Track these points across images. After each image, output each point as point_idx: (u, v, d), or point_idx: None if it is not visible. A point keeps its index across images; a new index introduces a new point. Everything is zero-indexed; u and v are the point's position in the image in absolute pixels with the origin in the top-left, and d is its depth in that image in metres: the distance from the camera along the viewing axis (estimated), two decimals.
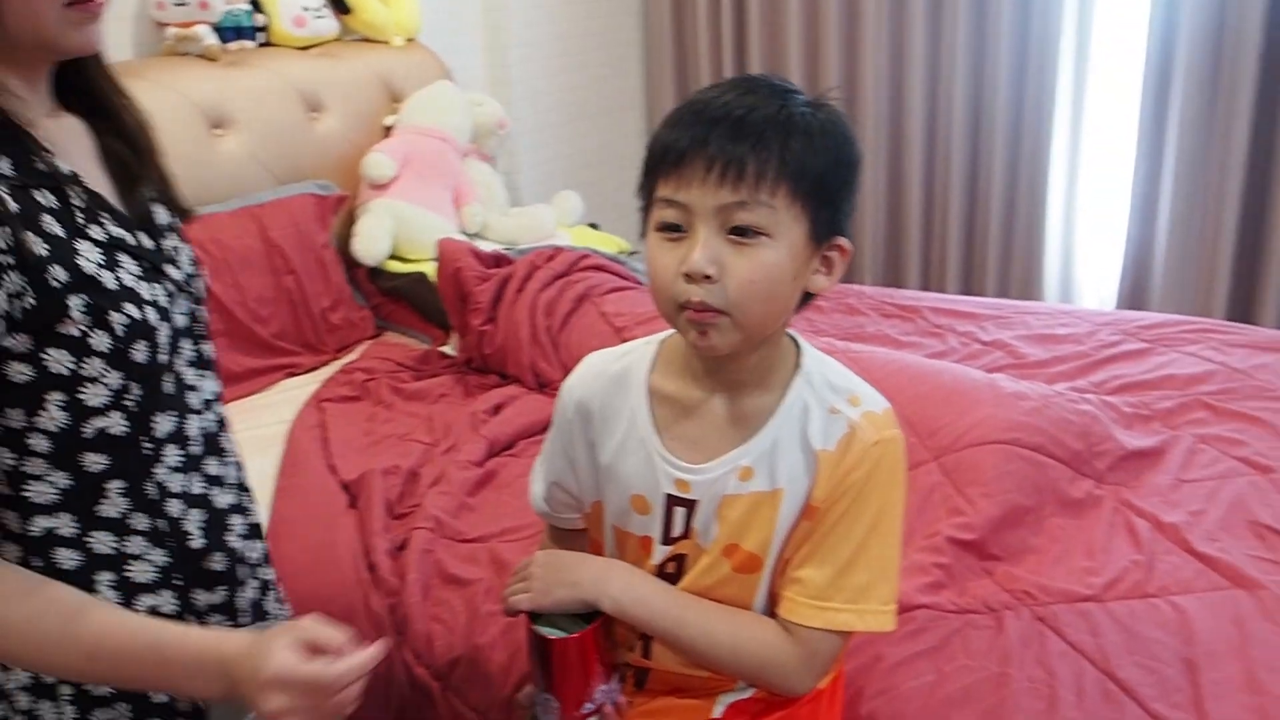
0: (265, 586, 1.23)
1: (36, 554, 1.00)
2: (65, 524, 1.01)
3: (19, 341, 0.93)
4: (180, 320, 1.07)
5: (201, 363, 1.12)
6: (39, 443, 0.97)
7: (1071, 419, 2.00)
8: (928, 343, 2.66)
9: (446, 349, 2.75)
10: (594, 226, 3.64)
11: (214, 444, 1.13)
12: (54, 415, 0.96)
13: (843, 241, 1.07)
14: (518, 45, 3.75)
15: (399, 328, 2.93)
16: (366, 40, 3.24)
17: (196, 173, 2.60)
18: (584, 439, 1.20)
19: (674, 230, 1.03)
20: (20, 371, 0.94)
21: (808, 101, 1.05)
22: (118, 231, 1.01)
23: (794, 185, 1.00)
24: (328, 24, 3.08)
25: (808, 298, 1.09)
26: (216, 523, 1.12)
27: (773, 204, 0.99)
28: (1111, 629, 1.55)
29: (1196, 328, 2.59)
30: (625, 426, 1.16)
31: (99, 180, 1.05)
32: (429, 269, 2.85)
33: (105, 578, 1.03)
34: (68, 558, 1.01)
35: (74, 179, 0.99)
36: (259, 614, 1.21)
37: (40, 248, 0.92)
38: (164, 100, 2.56)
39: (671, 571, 1.17)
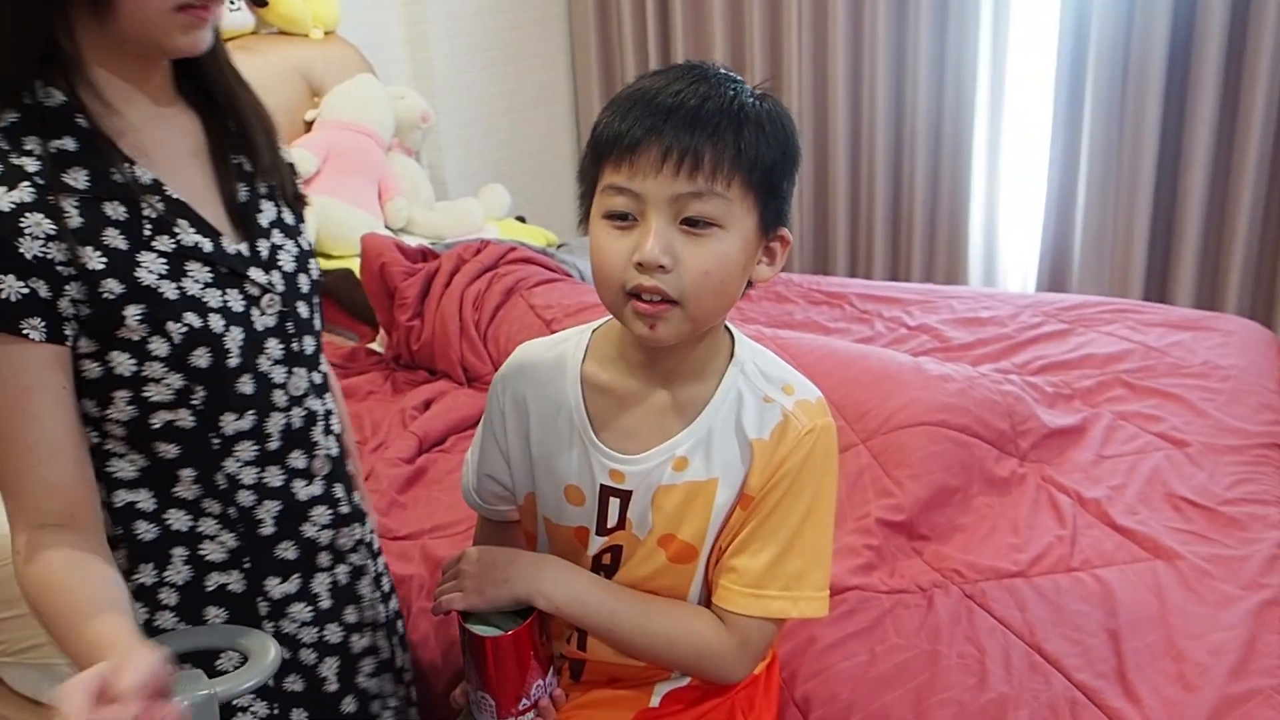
0: (358, 572, 1.25)
1: (119, 523, 1.08)
2: (144, 499, 1.08)
3: (86, 343, 0.99)
4: (267, 321, 1.10)
5: (292, 359, 1.14)
6: (114, 429, 1.04)
7: (996, 399, 2.03)
8: (855, 328, 2.69)
9: (374, 346, 2.73)
10: (521, 220, 3.63)
11: (300, 438, 1.16)
12: (122, 408, 1.03)
13: (785, 232, 1.08)
14: (440, 37, 3.72)
15: (325, 325, 2.88)
16: (284, 33, 3.20)
17: None
18: (517, 430, 1.19)
19: (622, 219, 1.02)
20: (90, 369, 1.00)
21: (754, 92, 1.05)
22: (192, 239, 1.04)
23: (747, 176, 1.00)
24: (243, 17, 3.04)
25: (747, 286, 1.09)
26: (294, 513, 1.16)
27: (727, 195, 0.99)
28: (1037, 603, 1.58)
29: (1114, 308, 2.65)
30: (559, 417, 1.15)
31: (195, 180, 1.07)
32: (354, 265, 2.82)
33: (179, 552, 1.10)
34: (146, 530, 1.09)
35: (154, 188, 1.02)
36: (349, 598, 1.24)
37: (96, 262, 0.97)
38: None
39: (607, 563, 1.17)
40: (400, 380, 2.54)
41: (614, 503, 1.14)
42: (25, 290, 0.93)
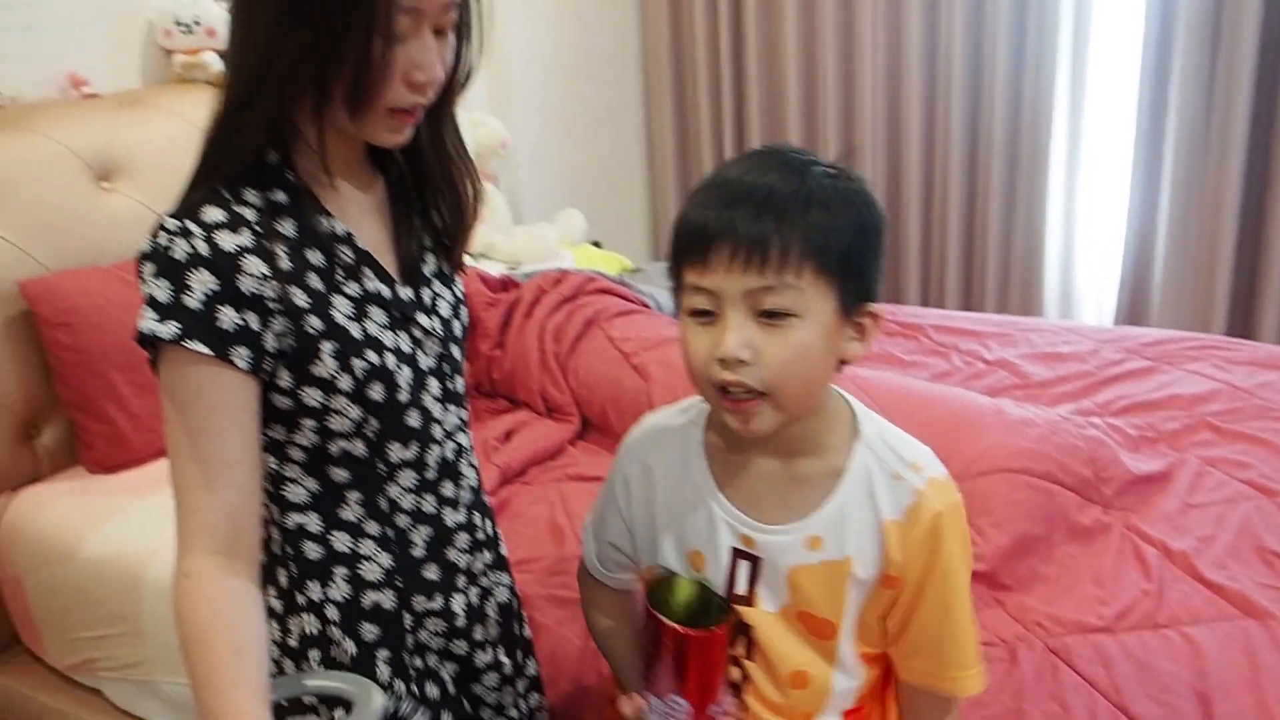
0: (486, 594, 1.35)
1: (289, 543, 1.19)
2: (312, 521, 1.19)
3: (286, 378, 1.10)
4: (429, 361, 1.22)
5: (448, 397, 1.25)
6: (295, 454, 1.16)
7: (1079, 445, 2.02)
8: (932, 362, 2.68)
9: None
10: (596, 245, 3.66)
11: (451, 469, 1.27)
12: (307, 435, 1.14)
13: (874, 308, 1.08)
14: (518, 62, 3.77)
15: None
16: None
17: None
18: (643, 498, 1.22)
19: (705, 315, 1.04)
20: (283, 402, 1.11)
21: (827, 171, 1.05)
22: (374, 286, 1.16)
23: (819, 262, 1.01)
24: None
25: (840, 364, 1.10)
26: (441, 538, 1.27)
27: (799, 284, 1.01)
28: (1124, 661, 1.58)
29: (1199, 344, 2.61)
30: (684, 483, 1.18)
31: (377, 232, 1.20)
32: None
33: (340, 571, 1.20)
34: (312, 550, 1.19)
35: (346, 239, 1.14)
36: (477, 618, 1.34)
37: (302, 300, 1.08)
38: (171, 127, 2.57)
39: (742, 654, 1.18)
40: (481, 409, 2.59)
41: (743, 567, 1.15)
42: (240, 322, 1.04)
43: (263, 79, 1.04)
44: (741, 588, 1.16)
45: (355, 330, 1.12)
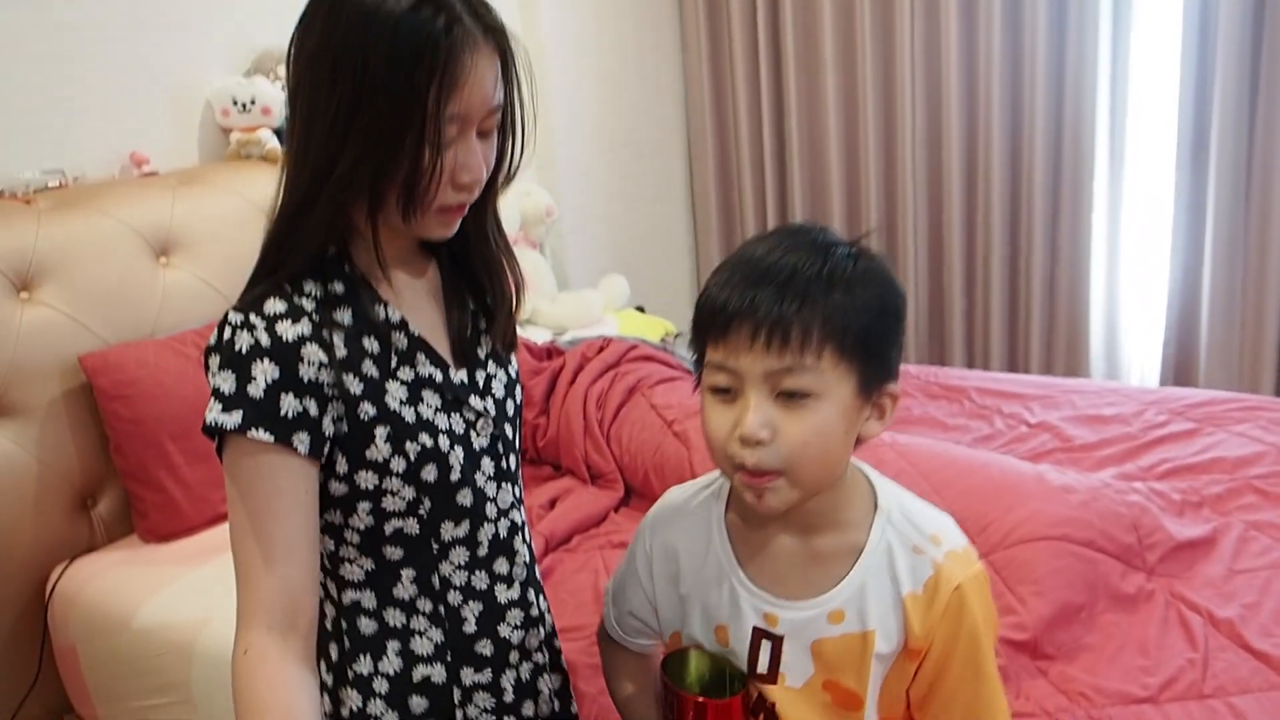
0: (539, 670, 1.36)
1: (344, 618, 1.23)
2: (367, 598, 1.22)
3: (341, 463, 1.14)
4: (482, 441, 1.25)
5: (501, 475, 1.28)
6: (351, 536, 1.20)
7: (1120, 511, 2.01)
8: (975, 425, 2.68)
9: None
10: (640, 310, 3.70)
11: (505, 546, 1.29)
12: (362, 517, 1.19)
13: (893, 388, 1.10)
14: (564, 134, 3.85)
15: None
16: None
17: None
18: (665, 574, 1.23)
19: (725, 392, 1.06)
20: (338, 488, 1.16)
21: (849, 252, 1.07)
22: (427, 371, 1.21)
23: (839, 344, 1.03)
24: None
25: (857, 442, 1.11)
26: (493, 614, 1.29)
27: (818, 367, 1.02)
28: None
29: (1244, 405, 2.59)
30: (707, 559, 1.19)
31: (430, 317, 1.25)
32: None
33: (393, 646, 1.23)
34: (366, 625, 1.23)
35: (400, 325, 1.19)
36: (528, 693, 1.35)
37: (356, 387, 1.13)
38: (228, 204, 2.66)
39: None
40: (526, 476, 2.61)
41: (765, 646, 1.16)
42: (300, 409, 1.08)
43: (320, 184, 1.10)
44: (763, 666, 1.17)
45: (408, 414, 1.17)
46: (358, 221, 1.15)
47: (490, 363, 1.30)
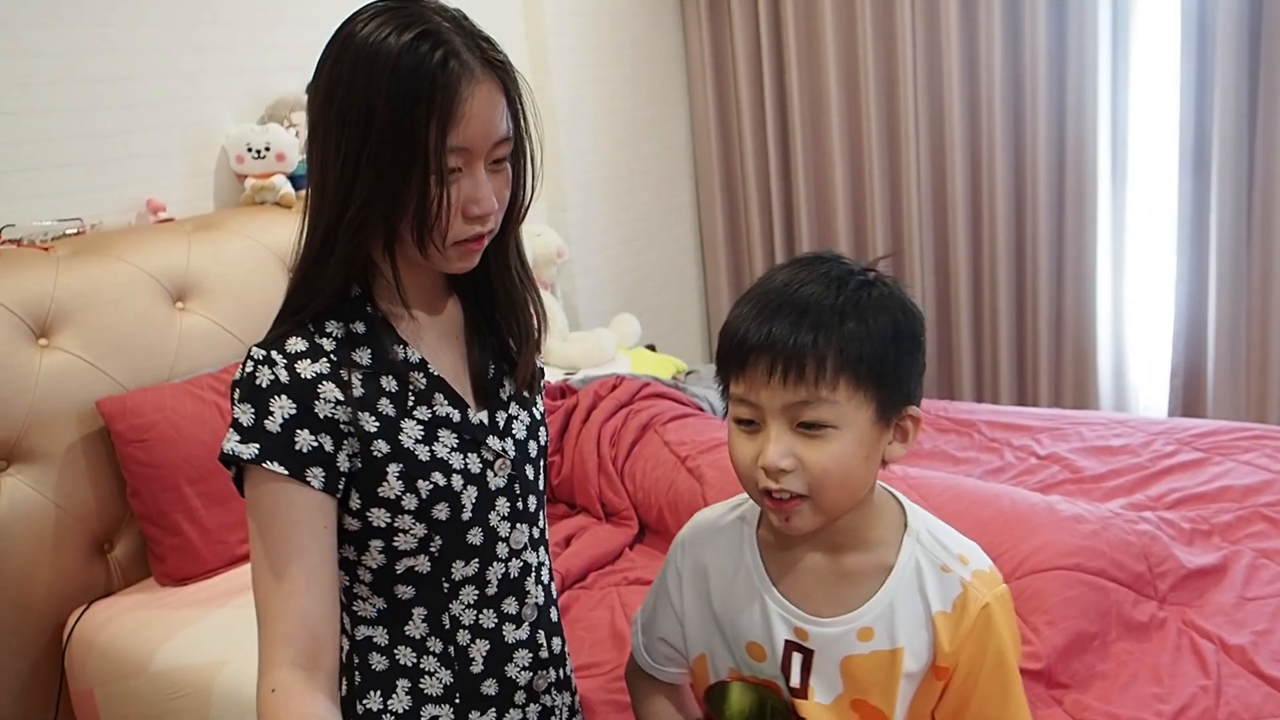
0: (548, 712, 1.36)
1: (356, 653, 1.24)
2: (379, 635, 1.24)
3: (355, 499, 1.16)
4: (498, 482, 1.26)
5: (516, 515, 1.29)
6: (364, 574, 1.22)
7: (1131, 540, 2.03)
8: (985, 458, 2.70)
9: None
10: (651, 348, 3.73)
11: (515, 586, 1.30)
12: (375, 555, 1.20)
13: (914, 411, 1.12)
14: (573, 176, 3.89)
15: None
16: None
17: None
18: (696, 592, 1.25)
19: (748, 424, 1.10)
20: (351, 523, 1.18)
21: (863, 280, 1.10)
22: (445, 410, 1.22)
23: (854, 375, 1.05)
24: None
25: (882, 464, 1.14)
26: (500, 654, 1.29)
27: (834, 399, 1.05)
28: None
29: (1251, 434, 2.61)
30: (738, 576, 1.22)
31: (451, 358, 1.26)
32: None
33: (402, 684, 1.24)
34: (378, 661, 1.24)
35: (419, 365, 1.21)
36: None
37: (371, 425, 1.15)
38: (243, 249, 2.70)
39: None
40: None
41: (797, 659, 1.17)
42: (315, 444, 1.11)
43: (337, 225, 1.13)
44: (795, 679, 1.18)
45: (423, 453, 1.18)
46: (379, 261, 1.17)
47: (513, 404, 1.30)
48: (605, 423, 2.67)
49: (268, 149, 2.83)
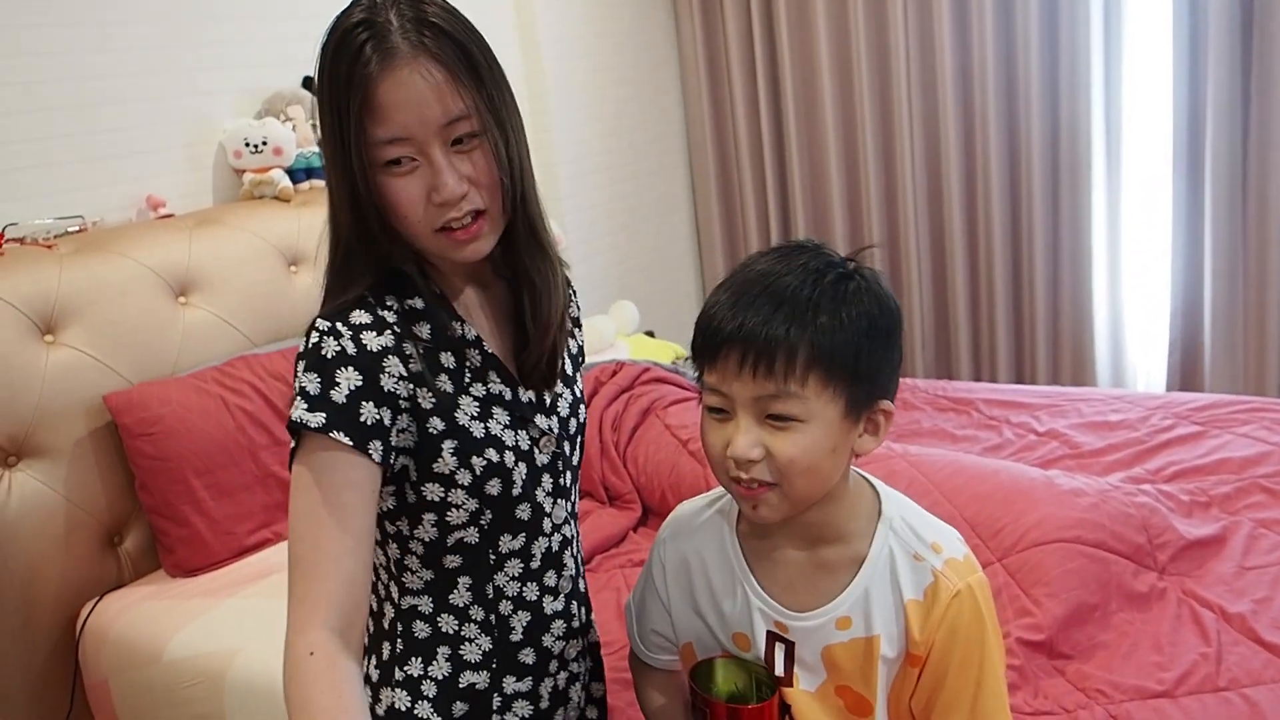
0: (573, 678, 1.39)
1: (401, 621, 1.27)
2: (424, 604, 1.26)
3: (414, 472, 1.18)
4: (543, 458, 1.28)
5: (558, 491, 1.31)
6: (416, 546, 1.24)
7: (1130, 512, 2.05)
8: (984, 436, 2.72)
9: None
10: (650, 334, 3.75)
11: (555, 560, 1.33)
12: (427, 529, 1.22)
13: (886, 405, 1.13)
14: (567, 162, 3.91)
15: None
16: None
17: (277, 309, 2.75)
18: (680, 585, 1.27)
19: (720, 412, 1.11)
20: (409, 495, 1.20)
21: (841, 272, 1.10)
22: (498, 388, 1.24)
23: (825, 370, 1.05)
24: None
25: (857, 457, 1.15)
26: (539, 625, 1.32)
27: (803, 394, 1.05)
28: None
29: (1248, 407, 2.63)
30: (720, 568, 1.23)
31: (504, 337, 1.28)
32: None
33: (443, 651, 1.27)
34: (421, 629, 1.26)
35: (475, 343, 1.23)
36: (560, 701, 1.38)
37: (428, 401, 1.16)
38: (243, 242, 2.72)
39: None
40: None
41: (780, 649, 1.19)
42: (377, 417, 1.11)
43: (342, 218, 1.16)
44: (779, 669, 1.20)
45: (478, 429, 1.20)
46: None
47: (559, 382, 1.31)
48: (607, 408, 2.69)
49: (265, 143, 2.84)
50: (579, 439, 1.36)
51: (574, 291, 1.41)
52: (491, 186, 1.15)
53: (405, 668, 1.26)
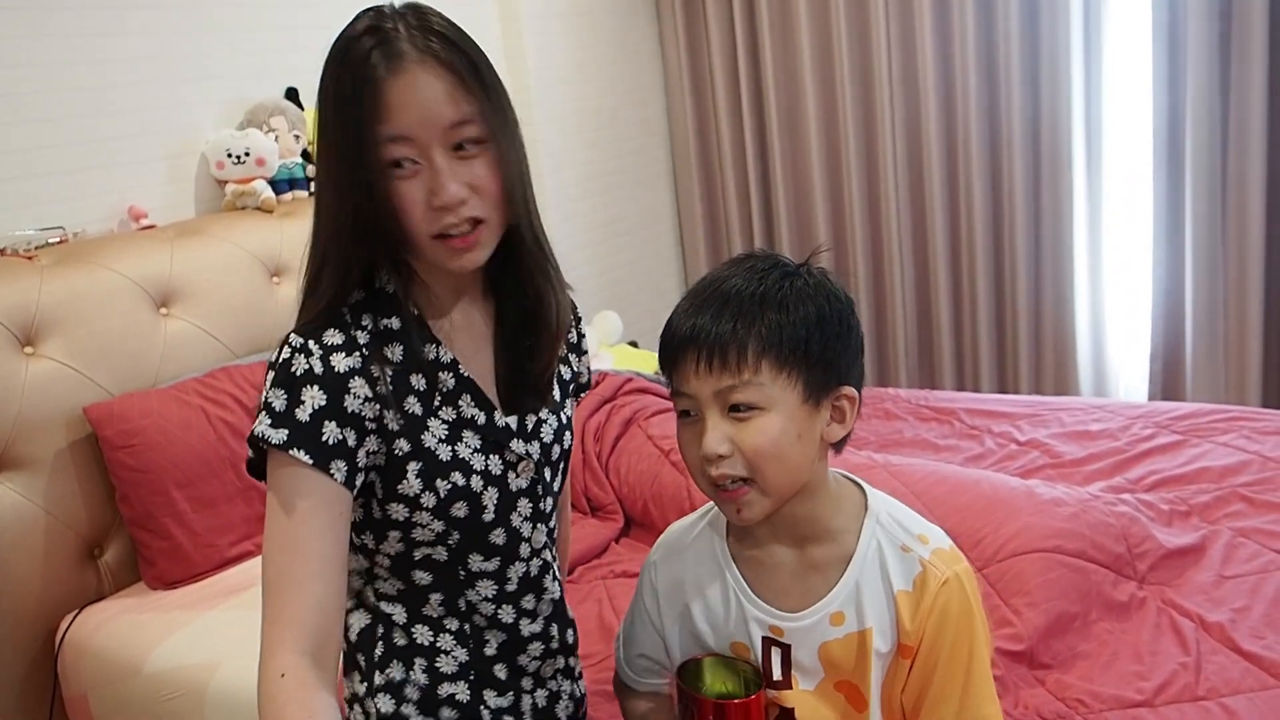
0: (555, 697, 1.39)
1: (381, 624, 1.28)
2: (399, 613, 1.28)
3: (380, 489, 1.19)
4: (520, 483, 1.27)
5: (536, 516, 1.30)
6: (382, 560, 1.25)
7: (1110, 522, 2.06)
8: (965, 445, 2.73)
9: None
10: (634, 344, 3.75)
11: (534, 584, 1.32)
12: (393, 544, 1.23)
13: (849, 391, 1.16)
14: (551, 172, 3.91)
15: None
16: None
17: (259, 320, 2.74)
18: (674, 608, 1.28)
19: (688, 416, 1.15)
20: (376, 512, 1.21)
21: (786, 272, 1.14)
22: (470, 411, 1.23)
23: (776, 356, 1.09)
24: None
25: (841, 443, 1.18)
26: (514, 645, 1.32)
27: (759, 380, 1.09)
28: None
29: (1228, 416, 2.65)
30: (714, 583, 1.25)
31: (483, 359, 1.26)
32: None
33: (419, 662, 1.28)
34: (398, 638, 1.28)
35: (450, 365, 1.22)
36: (545, 717, 1.37)
37: (394, 424, 1.17)
38: (226, 254, 2.71)
39: None
40: None
41: (776, 653, 1.21)
42: (340, 437, 1.12)
43: (325, 230, 1.16)
44: (777, 674, 1.21)
45: (444, 453, 1.20)
46: (406, 260, 1.18)
47: (544, 408, 1.30)
48: (589, 418, 2.69)
49: (247, 154, 2.84)
50: (562, 465, 1.35)
51: (578, 318, 1.41)
52: (492, 195, 1.14)
53: (388, 671, 1.27)
